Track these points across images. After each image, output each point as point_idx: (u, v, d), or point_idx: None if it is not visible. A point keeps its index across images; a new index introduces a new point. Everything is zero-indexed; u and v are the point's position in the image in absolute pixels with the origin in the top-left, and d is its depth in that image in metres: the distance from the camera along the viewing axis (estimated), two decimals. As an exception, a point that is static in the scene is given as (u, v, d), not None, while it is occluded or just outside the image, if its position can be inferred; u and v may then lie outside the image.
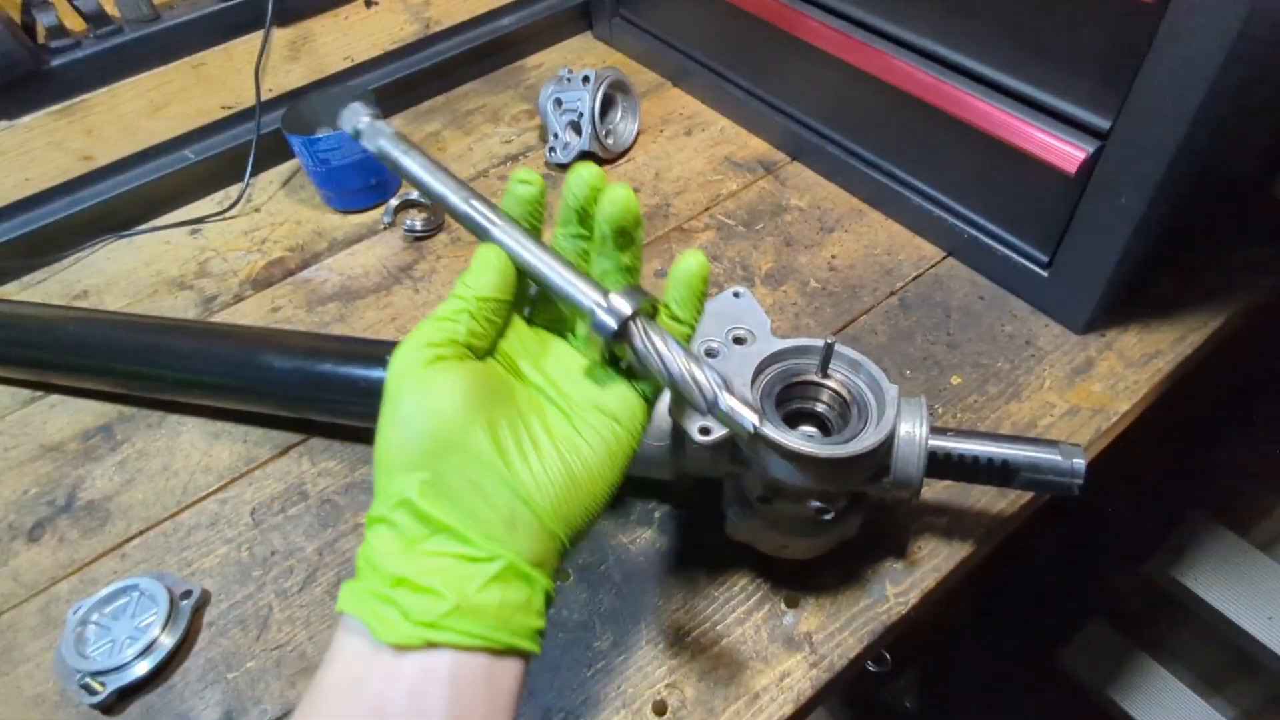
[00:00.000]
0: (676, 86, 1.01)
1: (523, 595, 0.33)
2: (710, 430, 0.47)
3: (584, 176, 0.38)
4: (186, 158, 0.89)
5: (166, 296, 0.82)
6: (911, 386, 0.66)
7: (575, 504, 0.35)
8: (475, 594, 0.32)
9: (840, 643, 0.53)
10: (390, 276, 0.81)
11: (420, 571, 0.32)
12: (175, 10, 0.85)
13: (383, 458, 0.34)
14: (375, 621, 0.32)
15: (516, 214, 0.40)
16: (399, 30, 0.98)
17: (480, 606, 0.32)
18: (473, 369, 0.35)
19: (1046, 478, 0.50)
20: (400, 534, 0.33)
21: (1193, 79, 0.50)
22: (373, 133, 0.41)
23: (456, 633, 0.31)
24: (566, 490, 0.35)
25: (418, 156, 0.40)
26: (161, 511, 0.64)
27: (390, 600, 0.32)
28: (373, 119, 0.42)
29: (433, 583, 0.32)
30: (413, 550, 0.33)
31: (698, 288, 0.40)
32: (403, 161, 0.40)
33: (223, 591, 0.59)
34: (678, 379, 0.36)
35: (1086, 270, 0.64)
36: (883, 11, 0.71)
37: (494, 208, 0.39)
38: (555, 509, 0.34)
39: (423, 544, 0.33)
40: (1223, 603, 1.10)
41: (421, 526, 0.33)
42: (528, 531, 0.34)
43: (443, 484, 0.33)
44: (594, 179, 0.38)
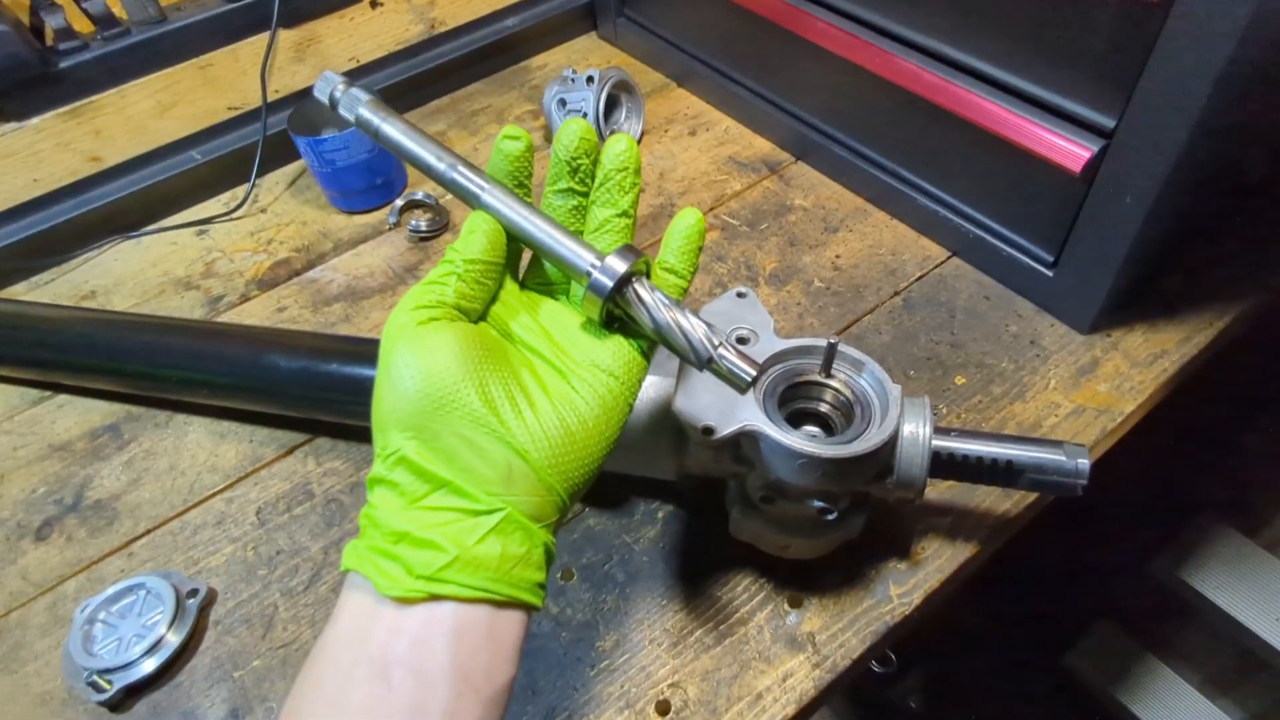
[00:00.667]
0: (681, 86, 1.01)
1: (523, 548, 0.34)
2: (714, 430, 0.47)
3: (574, 130, 0.39)
4: (193, 158, 0.90)
5: (173, 297, 0.83)
6: (915, 386, 0.66)
7: (572, 458, 0.35)
8: (475, 546, 0.33)
9: (843, 643, 0.53)
10: (396, 277, 0.82)
11: (421, 525, 0.33)
12: (182, 12, 0.85)
13: (379, 419, 0.35)
14: (378, 576, 0.32)
15: (504, 171, 0.40)
16: (404, 31, 0.98)
17: (481, 558, 0.33)
18: (463, 328, 0.36)
19: (1051, 478, 0.49)
20: (400, 491, 0.34)
21: (1198, 78, 0.50)
22: (349, 101, 0.41)
23: (458, 585, 0.32)
24: (563, 444, 0.35)
25: (398, 123, 0.40)
26: (168, 510, 0.65)
27: (392, 555, 0.32)
28: (347, 86, 0.41)
29: (433, 536, 0.32)
30: (413, 507, 0.33)
31: (695, 241, 0.40)
32: (383, 129, 0.40)
33: (229, 590, 0.59)
34: (673, 333, 0.37)
35: (1092, 270, 0.64)
36: (888, 11, 0.71)
37: (480, 173, 0.39)
38: (552, 463, 0.35)
39: (423, 500, 0.33)
40: (1231, 604, 1.10)
41: (420, 483, 0.34)
42: (525, 485, 0.34)
43: (438, 441, 0.34)
44: (584, 131, 0.39)
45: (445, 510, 0.33)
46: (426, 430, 0.34)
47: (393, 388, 0.34)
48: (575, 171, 0.40)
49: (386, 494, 0.34)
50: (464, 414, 0.34)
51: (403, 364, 0.34)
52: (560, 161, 0.40)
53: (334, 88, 0.41)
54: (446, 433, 0.33)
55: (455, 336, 0.35)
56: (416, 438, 0.34)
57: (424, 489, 0.34)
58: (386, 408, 0.35)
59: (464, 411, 0.34)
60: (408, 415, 0.34)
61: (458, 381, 0.34)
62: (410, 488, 0.34)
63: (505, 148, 0.40)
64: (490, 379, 0.35)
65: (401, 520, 0.33)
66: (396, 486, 0.34)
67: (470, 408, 0.34)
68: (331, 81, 0.41)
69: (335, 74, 0.42)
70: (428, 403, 0.34)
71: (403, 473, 0.34)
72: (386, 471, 0.34)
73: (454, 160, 0.39)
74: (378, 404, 0.35)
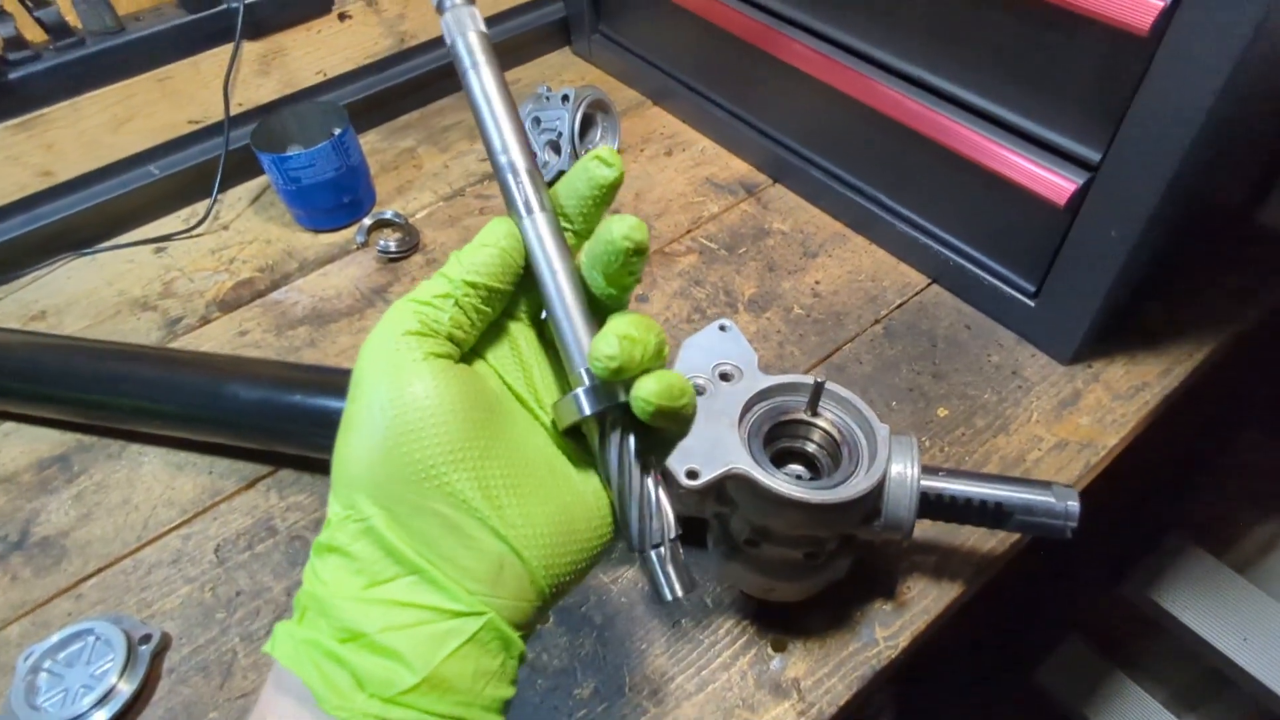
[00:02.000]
0: (657, 105, 1.00)
1: (498, 661, 0.28)
2: (697, 474, 0.45)
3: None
4: (151, 173, 0.86)
5: (129, 318, 0.79)
6: (898, 419, 0.65)
7: (569, 559, 0.30)
8: (447, 661, 0.27)
9: (829, 689, 0.51)
10: (363, 299, 0.79)
11: (382, 625, 0.26)
12: (141, 22, 0.82)
13: (343, 471, 0.29)
14: (322, 686, 0.26)
15: (580, 196, 0.33)
16: (373, 45, 0.95)
17: (450, 679, 0.27)
18: (461, 377, 0.29)
19: (1040, 520, 0.49)
20: (359, 569, 0.28)
21: (1187, 113, 0.50)
22: (458, 18, 0.34)
23: (419, 712, 0.26)
24: (564, 541, 0.30)
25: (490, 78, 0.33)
26: (120, 548, 0.61)
27: (340, 660, 0.26)
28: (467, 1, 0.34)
29: (397, 644, 0.26)
30: (372, 591, 0.27)
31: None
32: (468, 77, 0.33)
33: (184, 635, 0.56)
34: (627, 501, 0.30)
35: (1075, 301, 0.64)
36: (869, 36, 0.70)
37: (540, 188, 0.32)
38: (549, 563, 0.29)
39: (387, 586, 0.27)
40: (1198, 623, 1.11)
41: (387, 563, 0.28)
42: (515, 587, 0.29)
43: (416, 519, 0.28)
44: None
45: (413, 606, 0.27)
46: (403, 503, 0.28)
47: (367, 439, 0.28)
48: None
49: (340, 568, 0.28)
50: (455, 492, 0.28)
51: (382, 412, 0.28)
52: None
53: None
54: (427, 511, 0.28)
55: (454, 388, 0.29)
56: (387, 511, 0.28)
57: (390, 571, 0.27)
58: (355, 462, 0.28)
59: (455, 489, 0.28)
60: (381, 481, 0.28)
61: (452, 452, 0.28)
62: (373, 567, 0.27)
63: (596, 172, 0.32)
64: (491, 454, 0.29)
65: (356, 612, 0.27)
66: (355, 561, 0.28)
67: (460, 488, 0.28)
68: None
69: None
70: (410, 471, 0.28)
71: (366, 546, 0.28)
72: (346, 540, 0.28)
73: (518, 159, 0.32)
74: (344, 451, 0.29)
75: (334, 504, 0.29)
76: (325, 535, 0.29)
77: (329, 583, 0.28)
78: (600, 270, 0.31)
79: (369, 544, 0.28)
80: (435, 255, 0.83)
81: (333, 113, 0.85)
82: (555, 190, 0.33)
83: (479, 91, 0.33)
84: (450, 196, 0.90)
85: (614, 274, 0.31)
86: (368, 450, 0.28)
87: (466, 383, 0.29)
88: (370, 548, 0.28)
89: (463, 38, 0.33)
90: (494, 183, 0.91)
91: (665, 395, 0.29)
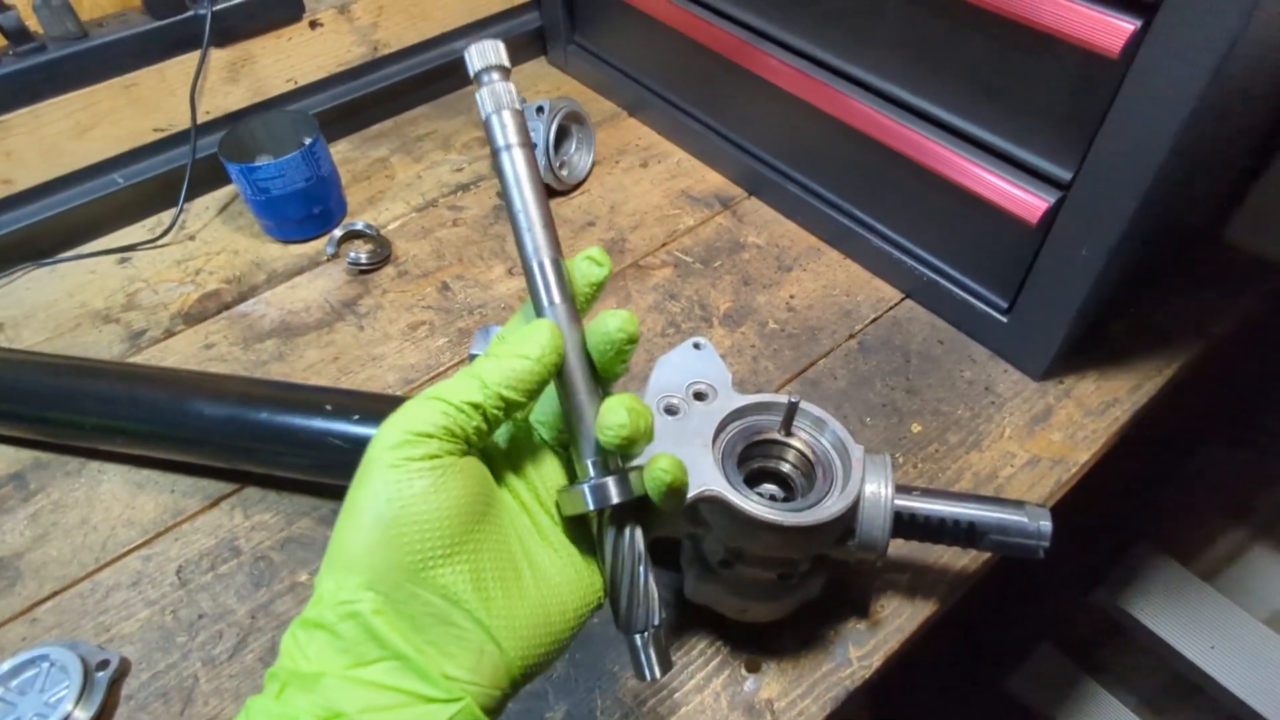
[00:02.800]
0: (633, 117, 0.99)
1: None
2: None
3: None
4: (115, 182, 0.84)
5: (90, 330, 0.77)
6: (871, 435, 0.65)
7: (543, 650, 0.32)
8: None
9: (803, 710, 0.51)
10: (333, 312, 0.78)
11: (363, 706, 0.27)
12: (104, 28, 0.80)
13: (339, 553, 0.29)
14: None
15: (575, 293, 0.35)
16: (345, 53, 0.94)
17: None
18: (470, 475, 0.31)
19: (1013, 540, 0.49)
20: (345, 649, 0.28)
21: (1157, 135, 0.50)
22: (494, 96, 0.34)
23: None
24: (540, 634, 0.31)
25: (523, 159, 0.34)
26: (78, 570, 0.60)
27: None
28: (504, 77, 0.35)
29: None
30: (355, 671, 0.28)
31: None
32: (501, 156, 0.34)
33: (144, 660, 0.55)
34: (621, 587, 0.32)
35: (1046, 318, 0.64)
36: (844, 53, 0.70)
37: (562, 279, 0.34)
38: (525, 653, 0.31)
39: (370, 668, 0.28)
40: (1166, 631, 1.12)
41: (373, 646, 0.28)
42: (492, 675, 0.30)
43: (407, 607, 0.29)
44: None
45: (394, 690, 0.28)
46: (398, 591, 0.28)
47: (366, 529, 0.29)
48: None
49: (326, 646, 0.28)
50: (447, 587, 0.29)
51: (389, 504, 0.29)
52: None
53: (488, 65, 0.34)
54: (418, 600, 0.29)
55: (456, 489, 0.30)
56: (380, 596, 0.28)
57: (374, 654, 0.28)
58: (352, 546, 0.29)
59: (445, 584, 0.29)
60: (378, 569, 0.28)
61: (448, 548, 0.29)
62: (358, 649, 0.28)
63: (589, 273, 0.35)
64: (485, 549, 0.30)
65: (340, 692, 0.27)
66: (341, 641, 0.28)
67: (453, 582, 0.29)
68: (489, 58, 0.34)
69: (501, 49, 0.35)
70: (409, 561, 0.29)
71: (354, 628, 0.28)
72: (335, 620, 0.28)
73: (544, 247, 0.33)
74: (345, 533, 0.30)
75: (326, 581, 0.29)
76: (314, 612, 0.29)
77: (313, 657, 0.28)
78: (595, 360, 0.34)
79: (355, 626, 0.28)
80: (407, 267, 0.82)
81: (303, 122, 0.84)
82: None
83: (510, 173, 0.34)
84: (423, 207, 0.89)
85: (608, 363, 0.34)
86: (368, 537, 0.29)
87: (470, 477, 0.31)
88: (357, 630, 0.28)
89: (498, 115, 0.34)
90: (467, 194, 0.90)
91: (679, 469, 0.32)
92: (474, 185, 0.91)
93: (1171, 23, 0.46)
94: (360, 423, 0.57)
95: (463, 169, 0.93)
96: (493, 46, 0.35)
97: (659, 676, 0.33)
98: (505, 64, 0.35)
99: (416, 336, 0.75)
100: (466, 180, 0.92)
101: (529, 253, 0.34)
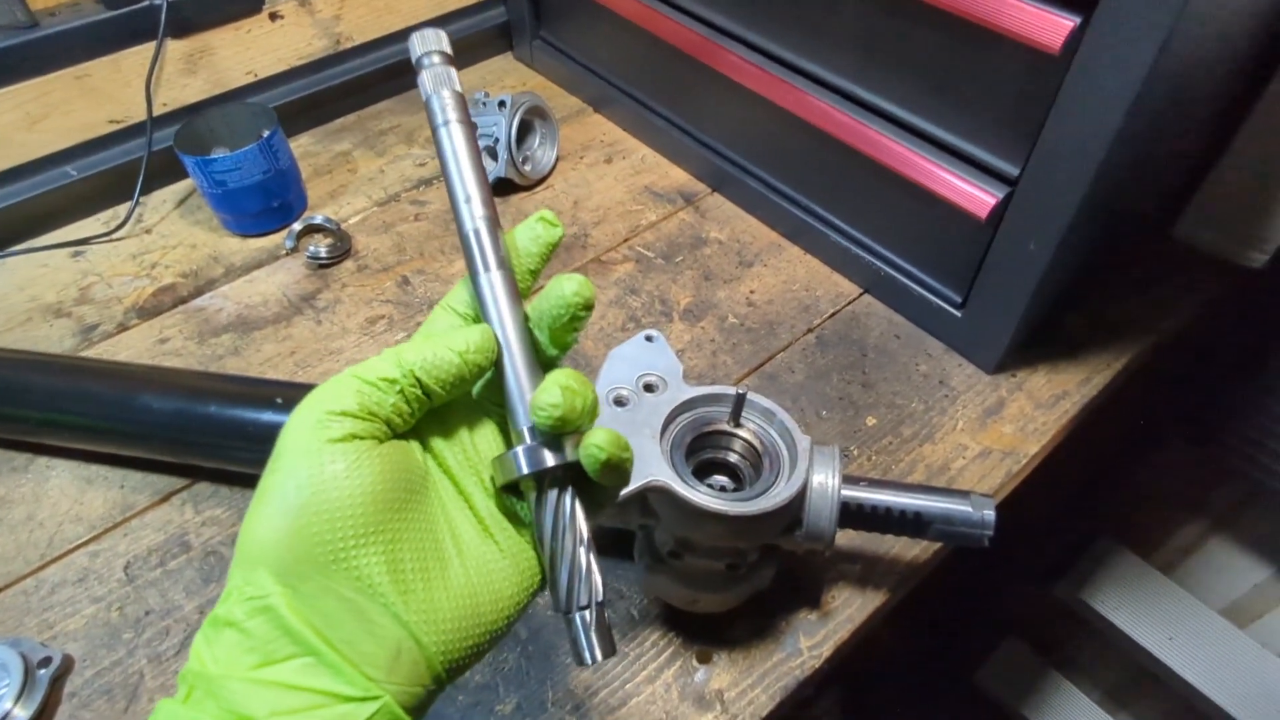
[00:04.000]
0: (598, 113, 0.99)
1: None
2: (617, 486, 0.45)
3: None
4: (68, 174, 0.83)
5: (41, 324, 0.76)
6: (827, 428, 0.66)
7: (470, 642, 0.30)
8: None
9: (752, 700, 0.51)
10: (291, 306, 0.77)
11: (271, 710, 0.25)
12: (56, 18, 0.79)
13: (248, 545, 0.28)
14: None
15: (528, 253, 0.34)
16: (306, 46, 0.93)
17: None
18: (386, 458, 0.29)
19: (958, 529, 0.49)
20: (252, 647, 0.26)
21: (1098, 130, 0.51)
22: (436, 77, 0.35)
23: None
24: (468, 626, 0.30)
25: (460, 138, 0.34)
26: (23, 566, 0.59)
27: None
28: (446, 63, 0.35)
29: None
30: (264, 670, 0.26)
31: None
32: (439, 132, 0.34)
33: (88, 657, 0.54)
34: (558, 563, 0.31)
35: (997, 312, 0.65)
36: (803, 50, 0.70)
37: (498, 246, 0.33)
38: (447, 648, 0.29)
39: (279, 666, 0.26)
40: (1126, 623, 1.14)
41: (283, 643, 0.26)
42: (411, 672, 0.28)
43: (318, 601, 0.27)
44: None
45: (306, 690, 0.26)
46: (308, 583, 0.27)
47: (278, 514, 0.27)
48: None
49: (233, 645, 0.27)
50: (362, 578, 0.27)
51: (298, 491, 0.27)
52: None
53: (429, 50, 0.35)
54: (331, 593, 0.27)
55: (374, 472, 0.28)
56: (290, 589, 0.27)
57: (285, 651, 0.26)
58: (261, 536, 0.27)
59: (363, 575, 0.27)
60: (287, 560, 0.27)
61: (362, 537, 0.27)
62: (268, 646, 0.26)
63: (542, 234, 0.34)
64: (403, 536, 0.29)
65: (246, 694, 0.26)
66: (249, 639, 0.27)
67: (368, 573, 0.27)
68: (429, 43, 0.35)
69: (443, 37, 0.36)
70: (319, 551, 0.27)
71: (263, 624, 0.27)
72: (243, 616, 0.27)
73: (479, 213, 0.33)
74: (253, 523, 0.28)
75: (235, 576, 0.28)
76: (223, 609, 0.27)
77: (220, 660, 0.27)
78: (547, 326, 0.33)
79: (265, 621, 0.27)
80: (367, 262, 0.81)
81: (261, 114, 0.83)
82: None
83: (448, 146, 0.34)
84: (385, 202, 0.88)
85: (559, 330, 0.33)
86: (277, 526, 0.27)
87: (389, 463, 0.29)
88: (267, 625, 0.27)
89: (437, 95, 0.35)
90: (429, 189, 0.89)
91: (615, 445, 0.30)
92: (436, 180, 0.90)
93: (1109, 19, 0.47)
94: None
95: (425, 163, 0.93)
96: (434, 34, 0.36)
97: (599, 659, 0.30)
98: (447, 50, 0.36)
99: (375, 331, 0.74)
100: (429, 175, 0.91)
101: (465, 221, 0.33)
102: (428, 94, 0.35)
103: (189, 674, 0.27)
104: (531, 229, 0.34)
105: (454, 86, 0.35)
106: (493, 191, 0.35)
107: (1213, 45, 0.55)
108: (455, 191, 0.34)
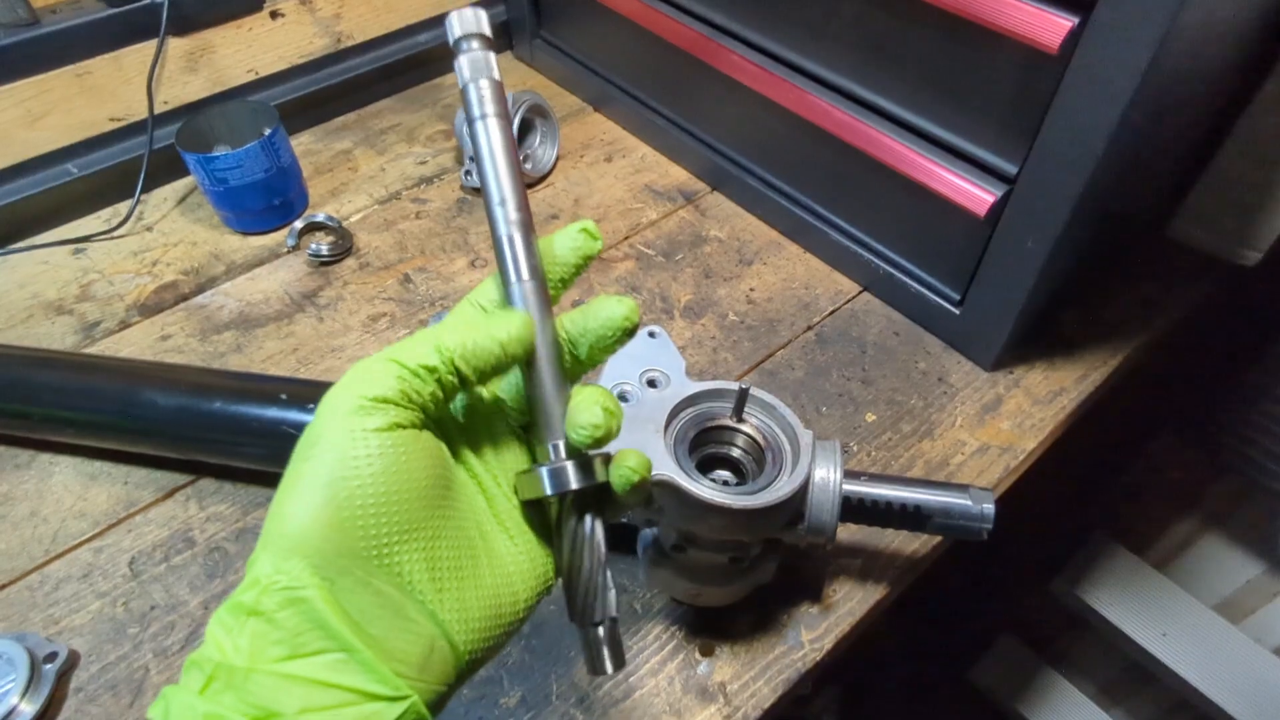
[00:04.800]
0: (598, 111, 1.00)
1: None
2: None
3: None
4: (69, 172, 0.83)
5: (42, 322, 0.76)
6: (827, 424, 0.66)
7: (491, 642, 0.30)
8: None
9: (755, 693, 0.51)
10: (293, 304, 0.77)
11: (301, 707, 0.24)
12: (58, 15, 0.79)
13: (279, 529, 0.26)
14: None
15: (565, 263, 0.34)
16: (307, 44, 0.94)
17: None
18: (429, 452, 0.28)
19: (957, 522, 0.50)
20: (281, 639, 0.25)
21: (1096, 129, 0.52)
22: (474, 64, 0.33)
23: None
24: (491, 627, 0.29)
25: (497, 132, 0.32)
26: (27, 562, 0.59)
27: None
28: (485, 47, 0.33)
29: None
30: (291, 664, 0.25)
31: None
32: (476, 126, 0.33)
33: (94, 652, 0.54)
34: (577, 578, 0.31)
35: (996, 309, 0.65)
36: (802, 49, 0.71)
37: (532, 254, 0.32)
38: (473, 647, 0.29)
39: (309, 660, 0.25)
40: (1121, 619, 1.15)
41: (315, 636, 0.25)
42: (440, 670, 0.28)
43: (356, 595, 0.26)
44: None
45: (335, 688, 0.25)
46: (346, 577, 0.26)
47: (317, 504, 0.26)
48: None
49: (260, 636, 0.25)
50: (400, 574, 0.27)
51: (342, 481, 0.26)
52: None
53: (469, 33, 0.33)
54: (369, 588, 0.26)
55: (419, 466, 0.27)
56: (328, 582, 0.26)
57: (315, 645, 0.25)
58: (298, 525, 0.26)
59: (401, 571, 0.27)
60: (326, 552, 0.26)
61: (406, 532, 0.27)
62: (297, 639, 0.25)
63: (582, 246, 0.33)
64: (443, 533, 0.28)
65: (274, 689, 0.24)
66: (278, 630, 0.25)
67: (409, 569, 0.27)
68: (469, 25, 0.33)
69: (483, 18, 0.33)
70: (360, 546, 0.26)
71: (294, 615, 0.25)
72: (273, 606, 0.25)
73: (515, 220, 0.32)
74: (287, 509, 0.26)
75: (263, 563, 0.26)
76: (249, 596, 0.26)
77: (242, 650, 0.25)
78: (589, 343, 0.33)
79: (297, 613, 0.25)
80: (369, 259, 0.81)
81: (263, 112, 0.83)
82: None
83: (485, 143, 0.33)
84: (386, 200, 0.88)
85: (599, 349, 0.33)
86: (318, 516, 0.26)
87: (430, 456, 0.28)
88: (298, 617, 0.25)
89: (475, 85, 0.33)
90: (430, 187, 0.90)
91: (646, 468, 0.31)
92: (437, 178, 0.91)
93: (1107, 20, 0.48)
94: (315, 411, 0.57)
95: (426, 162, 0.93)
96: (474, 14, 0.33)
97: (611, 671, 0.31)
98: (487, 33, 0.33)
99: (377, 328, 0.75)
100: (430, 173, 0.91)
101: (499, 225, 0.32)
102: (465, 81, 0.33)
103: (204, 661, 0.26)
104: (573, 239, 0.34)
105: (493, 75, 0.33)
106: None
107: (1208, 46, 0.55)
108: (490, 191, 0.33)
